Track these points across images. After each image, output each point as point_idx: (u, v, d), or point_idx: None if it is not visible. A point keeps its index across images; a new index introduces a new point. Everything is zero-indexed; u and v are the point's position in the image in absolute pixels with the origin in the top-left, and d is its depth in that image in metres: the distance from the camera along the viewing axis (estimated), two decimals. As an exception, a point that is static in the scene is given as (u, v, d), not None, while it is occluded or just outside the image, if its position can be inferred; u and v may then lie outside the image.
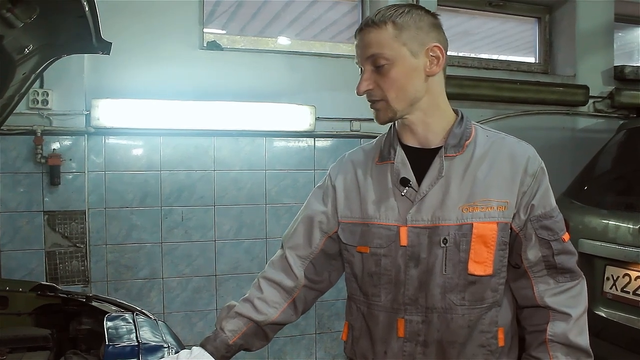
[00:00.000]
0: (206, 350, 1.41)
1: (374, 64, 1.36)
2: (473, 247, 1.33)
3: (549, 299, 1.36)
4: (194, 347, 1.42)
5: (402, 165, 1.40)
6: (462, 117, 1.43)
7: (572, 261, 1.39)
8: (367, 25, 1.37)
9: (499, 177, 1.35)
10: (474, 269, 1.34)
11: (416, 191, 1.37)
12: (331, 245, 1.51)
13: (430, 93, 1.40)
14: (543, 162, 1.41)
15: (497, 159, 1.37)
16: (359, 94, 1.40)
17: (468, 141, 1.39)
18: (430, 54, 1.37)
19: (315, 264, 1.52)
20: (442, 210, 1.35)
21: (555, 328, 1.35)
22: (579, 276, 1.40)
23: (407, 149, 1.43)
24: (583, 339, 1.36)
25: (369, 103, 1.41)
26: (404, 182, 1.38)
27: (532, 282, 1.38)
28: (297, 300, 1.52)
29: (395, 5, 1.39)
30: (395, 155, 1.42)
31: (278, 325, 1.51)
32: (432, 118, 1.41)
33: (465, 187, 1.35)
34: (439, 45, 1.37)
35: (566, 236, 1.39)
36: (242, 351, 1.50)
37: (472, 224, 1.33)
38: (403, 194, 1.38)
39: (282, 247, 1.56)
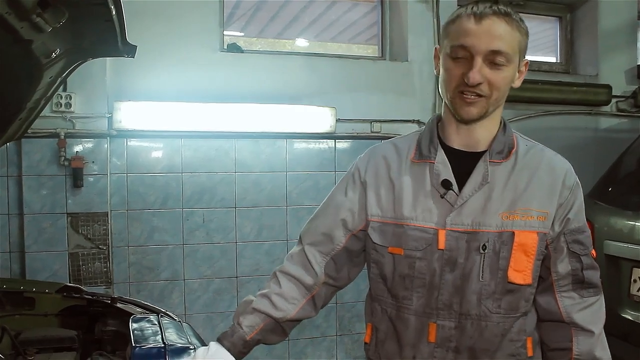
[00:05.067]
0: (223, 346, 1.39)
1: (491, 59, 1.27)
2: (514, 255, 1.31)
3: (575, 315, 1.36)
4: (211, 343, 1.40)
5: (443, 166, 1.36)
6: (504, 125, 1.42)
7: (597, 276, 1.39)
8: (503, 15, 1.27)
9: (540, 187, 1.34)
10: (514, 277, 1.32)
11: (457, 195, 1.34)
12: (355, 242, 1.47)
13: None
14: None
15: (538, 169, 1.35)
16: (471, 84, 1.26)
17: (514, 149, 1.38)
18: (521, 68, 1.37)
19: (336, 260, 1.48)
20: (483, 216, 1.32)
21: (581, 346, 1.36)
22: (601, 291, 1.40)
23: (447, 150, 1.39)
24: (606, 353, 1.38)
25: (463, 93, 1.29)
26: (446, 184, 1.34)
27: (557, 296, 1.37)
28: (316, 297, 1.48)
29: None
30: (435, 155, 1.38)
31: (296, 321, 1.48)
32: (491, 124, 1.39)
33: (507, 195, 1.33)
34: (527, 61, 1.38)
35: (593, 252, 1.40)
36: (263, 352, 1.49)
37: (514, 231, 1.31)
38: (443, 196, 1.35)
39: (300, 241, 1.53)
